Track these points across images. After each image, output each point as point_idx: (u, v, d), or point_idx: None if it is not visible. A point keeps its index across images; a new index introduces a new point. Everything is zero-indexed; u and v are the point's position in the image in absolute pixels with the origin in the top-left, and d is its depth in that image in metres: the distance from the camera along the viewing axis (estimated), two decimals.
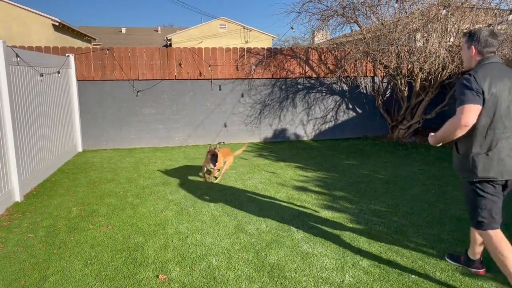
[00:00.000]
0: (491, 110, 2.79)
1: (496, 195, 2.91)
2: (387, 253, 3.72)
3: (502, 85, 2.79)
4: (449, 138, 2.92)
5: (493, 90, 2.76)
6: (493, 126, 2.82)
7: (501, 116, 2.80)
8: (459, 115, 2.77)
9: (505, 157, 2.83)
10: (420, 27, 7.34)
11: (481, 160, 2.87)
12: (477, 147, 2.87)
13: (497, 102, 2.77)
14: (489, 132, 2.83)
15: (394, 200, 5.26)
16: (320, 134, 10.29)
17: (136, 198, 5.49)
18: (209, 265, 3.53)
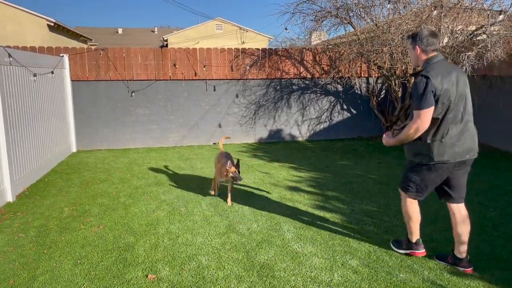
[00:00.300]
0: (444, 104, 3.11)
1: (438, 177, 3.31)
2: (376, 253, 3.74)
3: (450, 80, 3.11)
4: (409, 140, 3.26)
5: (445, 86, 3.08)
6: (446, 117, 3.14)
7: (452, 108, 3.13)
8: (417, 120, 3.11)
9: (455, 142, 3.17)
10: (413, 28, 7.37)
11: (436, 146, 3.18)
12: (432, 135, 3.18)
13: (448, 96, 3.10)
14: (443, 122, 3.15)
15: (386, 200, 5.28)
16: (315, 134, 10.31)
17: (129, 198, 5.49)
18: (199, 265, 3.53)
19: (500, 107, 8.17)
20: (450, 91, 3.09)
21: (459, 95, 3.15)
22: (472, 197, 5.34)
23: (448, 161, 3.20)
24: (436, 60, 3.21)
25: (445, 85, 3.07)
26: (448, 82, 3.09)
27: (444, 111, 3.12)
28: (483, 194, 5.48)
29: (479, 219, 4.54)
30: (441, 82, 3.06)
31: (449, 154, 3.18)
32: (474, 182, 6.02)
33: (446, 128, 3.15)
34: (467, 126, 3.23)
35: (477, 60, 7.21)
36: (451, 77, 3.13)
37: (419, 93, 3.07)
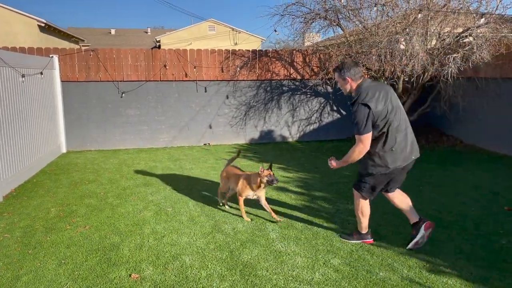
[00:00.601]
0: (384, 121, 3.45)
1: (388, 179, 3.70)
2: (358, 252, 3.79)
3: (383, 100, 3.46)
4: (354, 161, 3.62)
5: (380, 108, 3.43)
6: (390, 129, 3.48)
7: (392, 120, 3.47)
8: (360, 144, 3.47)
9: (404, 147, 3.56)
10: (400, 30, 7.45)
11: (389, 156, 3.55)
12: (382, 147, 3.54)
13: (386, 114, 3.44)
14: (389, 134, 3.50)
15: (372, 200, 5.33)
16: (305, 135, 10.37)
17: (116, 199, 5.51)
18: (182, 264, 3.57)
19: (485, 109, 8.29)
20: (387, 108, 3.45)
21: (395, 108, 3.50)
22: (455, 197, 5.43)
23: (400, 165, 3.59)
24: (365, 84, 3.54)
25: (380, 107, 3.43)
26: (382, 103, 3.44)
27: (388, 125, 3.46)
28: (466, 194, 5.56)
29: (461, 219, 4.62)
30: (377, 106, 3.42)
31: (401, 159, 3.57)
32: (458, 182, 6.14)
33: (393, 138, 3.50)
34: (407, 131, 3.61)
35: (463, 62, 7.31)
36: (383, 96, 3.48)
37: (361, 121, 3.42)
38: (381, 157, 3.56)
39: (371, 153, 3.58)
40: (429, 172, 6.77)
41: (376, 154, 3.56)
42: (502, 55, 7.51)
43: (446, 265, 3.50)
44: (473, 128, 9.00)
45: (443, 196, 5.48)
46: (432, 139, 9.73)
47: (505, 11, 7.35)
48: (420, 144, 9.30)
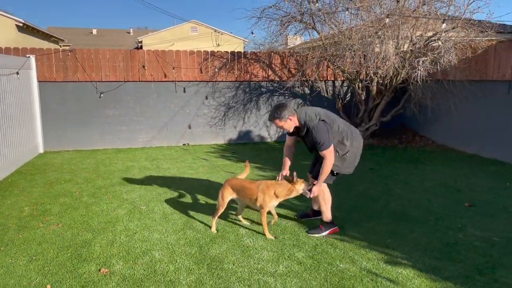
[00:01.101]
0: (335, 132, 4.02)
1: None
2: (322, 245, 3.97)
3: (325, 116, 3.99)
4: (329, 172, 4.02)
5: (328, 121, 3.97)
6: (343, 136, 4.06)
7: (341, 130, 4.06)
8: (329, 156, 3.91)
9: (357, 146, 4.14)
10: (372, 33, 7.70)
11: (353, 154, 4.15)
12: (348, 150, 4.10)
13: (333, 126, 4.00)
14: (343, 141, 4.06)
15: (340, 197, 5.52)
16: (283, 135, 10.55)
17: (91, 197, 5.58)
18: (152, 259, 3.68)
19: (453, 110, 8.60)
20: (333, 122, 4.02)
21: (335, 120, 4.08)
22: (421, 194, 5.67)
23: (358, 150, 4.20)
24: (304, 111, 4.06)
25: (327, 120, 3.97)
26: (327, 118, 4.00)
27: (340, 134, 4.04)
28: (431, 191, 5.80)
29: (423, 214, 4.85)
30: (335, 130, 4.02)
31: (360, 152, 4.23)
32: (425, 180, 6.39)
33: (349, 142, 4.07)
34: (351, 132, 4.15)
35: (431, 65, 7.59)
36: (323, 113, 4.04)
37: (325, 136, 3.87)
38: (349, 157, 4.14)
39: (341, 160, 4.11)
40: (399, 171, 7.02)
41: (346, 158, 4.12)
42: (469, 59, 7.82)
43: (403, 257, 3.70)
44: (443, 129, 9.32)
45: (410, 193, 5.71)
46: (406, 139, 10.03)
47: (472, 16, 7.66)
48: (394, 144, 9.60)
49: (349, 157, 4.11)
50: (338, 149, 4.06)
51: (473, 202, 5.28)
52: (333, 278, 3.34)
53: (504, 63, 7.50)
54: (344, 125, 4.14)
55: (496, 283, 3.26)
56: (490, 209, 5.01)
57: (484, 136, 8.12)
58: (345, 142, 4.06)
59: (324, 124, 3.90)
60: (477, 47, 7.68)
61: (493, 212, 4.92)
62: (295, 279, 3.32)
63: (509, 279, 3.32)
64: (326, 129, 3.89)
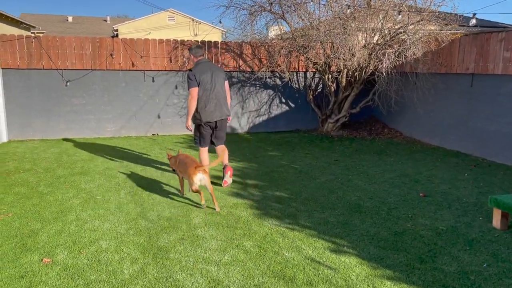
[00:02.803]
0: (202, 88, 5.19)
1: (207, 131, 5.43)
2: (272, 235, 3.99)
3: (206, 74, 5.21)
4: (193, 108, 5.22)
5: (202, 77, 5.17)
6: (204, 96, 5.21)
7: (207, 91, 5.21)
8: (191, 94, 5.18)
9: (212, 110, 5.27)
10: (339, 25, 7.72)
11: (203, 113, 5.26)
12: (200, 107, 5.23)
13: (205, 84, 5.19)
14: (203, 99, 5.21)
15: (300, 187, 5.58)
16: (254, 127, 10.56)
17: (48, 187, 5.48)
18: (98, 249, 3.65)
19: (417, 103, 8.74)
20: (206, 80, 5.19)
21: (213, 83, 5.25)
22: (379, 185, 5.75)
23: (210, 121, 5.31)
24: (201, 62, 5.32)
25: (202, 77, 5.16)
26: (204, 75, 5.18)
27: (204, 92, 5.19)
28: (390, 182, 5.90)
29: (378, 205, 4.92)
30: (200, 75, 5.16)
31: (210, 117, 5.28)
32: (386, 171, 6.49)
33: (208, 101, 5.22)
34: (220, 101, 5.33)
35: (396, 58, 7.68)
36: (208, 72, 5.23)
37: (189, 79, 5.20)
38: (199, 113, 5.26)
39: (196, 110, 5.25)
40: (363, 162, 7.10)
41: (197, 111, 5.25)
42: (434, 52, 7.93)
43: (349, 246, 3.76)
44: (409, 121, 9.48)
45: (368, 184, 5.79)
46: (375, 131, 10.16)
47: (437, 9, 7.75)
48: (363, 136, 9.70)
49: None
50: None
51: (429, 193, 5.39)
52: (276, 266, 3.36)
53: (468, 56, 7.63)
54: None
55: (435, 270, 3.34)
56: (443, 200, 5.12)
57: (448, 129, 8.29)
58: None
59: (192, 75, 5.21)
60: (442, 40, 7.79)
61: (446, 202, 5.03)
62: (238, 268, 3.34)
63: (449, 266, 3.41)
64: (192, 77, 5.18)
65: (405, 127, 9.66)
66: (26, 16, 30.30)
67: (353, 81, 9.40)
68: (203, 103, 5.17)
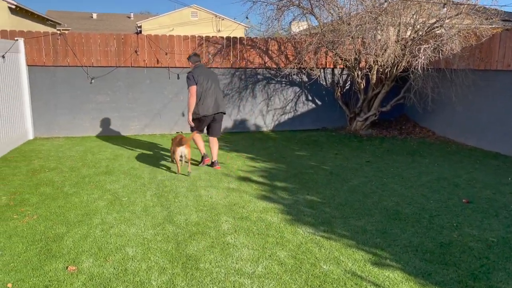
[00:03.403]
0: (199, 87, 5.96)
1: (203, 121, 6.19)
2: (307, 244, 3.74)
3: (202, 75, 6.02)
4: (193, 105, 5.99)
5: (199, 78, 5.98)
6: (202, 93, 5.98)
7: (206, 89, 6.00)
8: (190, 91, 5.98)
9: (209, 105, 6.05)
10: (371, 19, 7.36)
11: (200, 107, 6.04)
12: (198, 101, 6.00)
13: (202, 84, 5.97)
14: (202, 95, 5.98)
15: (332, 191, 5.30)
16: (279, 125, 10.29)
17: (73, 187, 5.36)
18: (124, 256, 3.47)
19: (454, 101, 8.29)
20: (203, 80, 5.98)
21: (210, 83, 6.05)
22: (417, 189, 5.41)
23: (207, 115, 6.08)
24: (198, 66, 6.17)
25: (200, 77, 5.98)
26: (201, 76, 6.00)
27: (202, 90, 5.97)
28: (428, 186, 5.55)
29: (417, 211, 4.60)
30: (198, 76, 5.98)
31: (207, 111, 6.06)
32: (422, 174, 6.13)
33: (205, 98, 6.01)
34: (217, 99, 6.12)
35: (433, 53, 7.27)
36: (204, 74, 6.06)
37: (188, 80, 6.03)
38: (197, 107, 6.01)
39: (196, 105, 5.99)
40: (396, 164, 6.76)
41: (196, 106, 6.01)
42: (472, 47, 7.48)
43: (392, 258, 3.47)
44: (444, 120, 9.03)
45: (405, 188, 5.46)
46: (405, 130, 9.75)
47: (477, 2, 7.30)
48: (392, 136, 9.32)
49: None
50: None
51: (471, 199, 5.03)
52: (314, 281, 3.11)
53: (509, 52, 7.16)
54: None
55: None
56: (489, 207, 4.76)
57: (486, 128, 7.83)
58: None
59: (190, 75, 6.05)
60: (481, 35, 7.33)
61: (492, 210, 4.67)
62: (273, 282, 3.10)
63: (506, 285, 3.09)
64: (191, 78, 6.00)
65: (439, 126, 9.21)
66: (52, 13, 30.75)
67: (384, 78, 9.02)
68: (202, 99, 5.98)
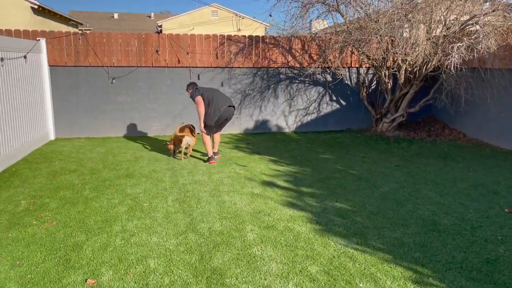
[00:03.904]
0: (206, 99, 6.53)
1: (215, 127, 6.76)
2: (340, 258, 3.47)
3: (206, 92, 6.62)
4: (202, 112, 6.52)
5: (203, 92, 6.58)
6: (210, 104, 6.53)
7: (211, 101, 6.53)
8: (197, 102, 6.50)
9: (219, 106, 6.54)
10: (401, 16, 7.01)
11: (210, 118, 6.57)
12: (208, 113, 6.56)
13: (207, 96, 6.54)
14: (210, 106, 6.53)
15: (362, 198, 5.01)
16: (302, 126, 10.01)
17: (93, 191, 5.22)
18: (146, 269, 3.28)
19: (489, 102, 7.85)
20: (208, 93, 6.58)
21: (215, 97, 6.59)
22: (453, 197, 5.07)
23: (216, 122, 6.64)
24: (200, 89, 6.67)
25: (204, 92, 6.57)
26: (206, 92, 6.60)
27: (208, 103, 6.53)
28: (465, 193, 5.20)
29: (456, 221, 4.28)
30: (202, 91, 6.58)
31: (214, 120, 6.59)
32: (458, 179, 5.77)
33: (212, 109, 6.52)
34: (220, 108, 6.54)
35: (467, 52, 6.88)
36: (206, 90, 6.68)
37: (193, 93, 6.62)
38: (208, 117, 6.57)
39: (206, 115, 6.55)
40: (427, 168, 6.41)
41: (206, 115, 6.56)
42: (509, 45, 7.05)
43: (435, 276, 3.17)
44: (476, 121, 8.59)
45: (440, 195, 5.12)
46: (434, 132, 9.34)
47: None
48: (421, 138, 8.94)
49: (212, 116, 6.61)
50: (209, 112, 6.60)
51: None
52: None
53: None
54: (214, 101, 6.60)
55: None
56: None
57: None
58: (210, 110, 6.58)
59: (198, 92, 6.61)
60: None
61: None
62: None
63: None
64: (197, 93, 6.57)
65: (470, 128, 8.78)
66: (74, 14, 31.13)
67: (412, 77, 8.64)
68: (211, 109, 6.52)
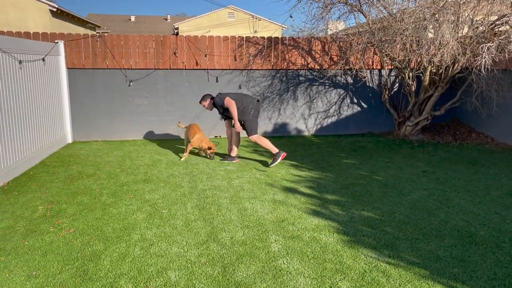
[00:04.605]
0: (239, 102, 6.51)
1: (256, 120, 6.69)
2: (372, 272, 3.25)
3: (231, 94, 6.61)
4: (236, 111, 6.39)
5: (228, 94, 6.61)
6: (242, 105, 6.52)
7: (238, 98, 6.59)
8: (228, 103, 6.43)
9: (250, 101, 6.63)
10: (429, 16, 6.73)
11: (247, 110, 6.52)
12: (242, 107, 6.53)
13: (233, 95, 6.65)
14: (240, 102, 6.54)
15: (390, 206, 4.76)
16: (322, 129, 9.77)
17: (111, 196, 5.09)
18: (166, 282, 3.11)
19: None
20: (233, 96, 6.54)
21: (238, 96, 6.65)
22: (488, 206, 4.78)
23: (254, 113, 6.59)
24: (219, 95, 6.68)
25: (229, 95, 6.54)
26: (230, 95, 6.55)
27: (241, 104, 6.50)
28: (500, 202, 4.90)
29: (494, 233, 4.00)
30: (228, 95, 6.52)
31: (251, 113, 6.56)
32: (491, 187, 5.47)
33: (244, 105, 6.49)
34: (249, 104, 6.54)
35: (498, 52, 6.56)
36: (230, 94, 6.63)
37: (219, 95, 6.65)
38: (246, 113, 6.51)
39: (243, 112, 6.50)
40: (457, 174, 6.11)
41: (244, 113, 6.50)
42: None
43: None
44: (506, 125, 8.22)
45: (473, 204, 4.84)
46: (460, 136, 8.99)
47: None
48: (446, 142, 8.62)
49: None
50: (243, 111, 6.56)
51: None
52: None
53: None
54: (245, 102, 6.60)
55: None
56: None
57: None
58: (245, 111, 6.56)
59: (230, 95, 6.59)
60: None
61: None
62: None
63: None
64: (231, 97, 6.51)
65: (499, 131, 8.41)
66: (92, 16, 31.46)
67: (437, 79, 8.33)
68: (244, 105, 6.51)
